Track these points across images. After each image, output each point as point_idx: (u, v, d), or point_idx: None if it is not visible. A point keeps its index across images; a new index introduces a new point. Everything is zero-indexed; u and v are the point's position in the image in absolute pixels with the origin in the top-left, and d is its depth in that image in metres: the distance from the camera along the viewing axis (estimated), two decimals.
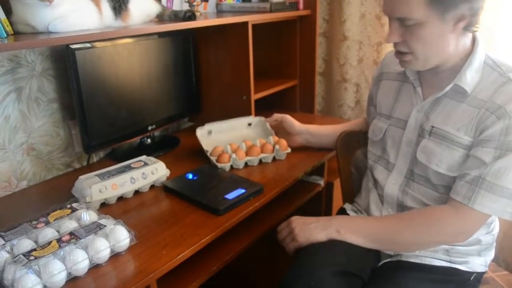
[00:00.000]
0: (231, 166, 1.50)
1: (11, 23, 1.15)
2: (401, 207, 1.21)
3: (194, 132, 1.80)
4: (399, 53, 1.11)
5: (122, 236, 1.04)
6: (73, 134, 1.52)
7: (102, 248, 0.99)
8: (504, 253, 1.90)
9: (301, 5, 1.93)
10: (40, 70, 1.40)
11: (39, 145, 1.45)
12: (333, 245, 1.13)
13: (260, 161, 1.55)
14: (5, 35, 1.08)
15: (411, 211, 1.16)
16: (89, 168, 1.57)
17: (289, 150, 1.57)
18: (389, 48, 1.99)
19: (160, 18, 1.44)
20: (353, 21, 2.05)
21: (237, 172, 1.48)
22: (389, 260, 1.19)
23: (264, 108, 1.88)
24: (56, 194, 1.36)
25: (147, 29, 1.34)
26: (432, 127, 1.13)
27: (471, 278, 1.17)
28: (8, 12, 1.14)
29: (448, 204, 1.09)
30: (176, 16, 1.44)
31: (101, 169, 1.33)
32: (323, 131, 1.59)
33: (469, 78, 1.07)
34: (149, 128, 1.64)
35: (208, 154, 1.53)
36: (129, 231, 1.06)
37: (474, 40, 1.10)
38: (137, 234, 1.08)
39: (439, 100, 1.13)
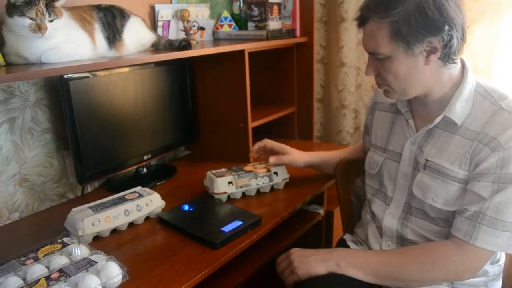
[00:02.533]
0: (228, 197, 1.46)
1: (3, 54, 1.14)
2: (401, 240, 1.18)
3: (191, 160, 1.78)
4: (378, 84, 1.12)
5: (114, 273, 1.00)
6: (67, 164, 1.49)
7: (93, 286, 0.95)
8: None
9: (297, 33, 1.93)
10: (33, 100, 1.39)
11: (32, 176, 1.42)
12: (334, 279, 1.09)
13: (258, 191, 1.51)
14: None
15: (413, 247, 1.13)
16: (84, 198, 1.54)
17: (287, 179, 1.54)
18: None
19: (156, 47, 1.44)
20: (351, 47, 2.05)
21: (234, 203, 1.44)
22: None
23: (262, 135, 1.85)
24: (48, 226, 1.32)
25: (140, 59, 1.32)
26: (427, 160, 1.11)
27: None
28: (1, 44, 1.13)
29: (450, 240, 1.06)
30: (171, 45, 1.43)
31: (95, 201, 1.30)
32: (326, 160, 1.54)
33: (459, 109, 1.05)
34: (145, 157, 1.61)
35: (206, 183, 1.50)
36: (121, 267, 1.02)
37: (463, 68, 1.08)
38: (130, 270, 1.04)
39: (432, 132, 1.11)
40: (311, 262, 1.12)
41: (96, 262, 1.01)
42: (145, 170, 1.67)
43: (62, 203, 1.51)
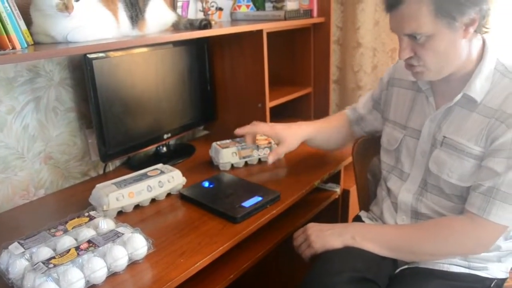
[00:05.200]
0: (232, 165, 1.56)
1: (31, 34, 1.17)
2: (416, 214, 1.20)
3: (209, 140, 1.80)
4: (410, 66, 1.10)
5: (139, 244, 1.04)
6: (90, 143, 1.53)
7: (120, 256, 0.99)
8: None
9: (315, 13, 1.93)
10: (58, 80, 1.42)
11: (57, 154, 1.46)
12: (350, 252, 1.11)
13: (259, 160, 1.61)
14: (26, 46, 1.09)
15: (428, 222, 1.15)
16: (105, 176, 1.58)
17: None
18: None
19: (176, 27, 1.45)
20: (367, 28, 2.04)
21: (237, 171, 1.54)
22: (406, 267, 1.17)
23: (279, 116, 1.87)
24: (73, 202, 1.37)
25: (164, 38, 1.35)
26: (444, 137, 1.12)
27: (492, 285, 1.15)
28: (29, 23, 1.16)
29: (464, 215, 1.07)
30: (192, 25, 1.45)
31: (118, 178, 1.34)
32: (320, 134, 1.48)
33: (479, 86, 1.06)
34: (165, 136, 1.65)
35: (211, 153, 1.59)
36: (146, 239, 1.06)
37: (484, 45, 1.08)
38: (155, 242, 1.08)
39: (451, 110, 1.12)
40: (327, 236, 1.15)
41: (123, 234, 1.04)
42: (164, 149, 1.71)
43: (84, 180, 1.55)
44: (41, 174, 1.43)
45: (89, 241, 1.02)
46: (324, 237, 1.15)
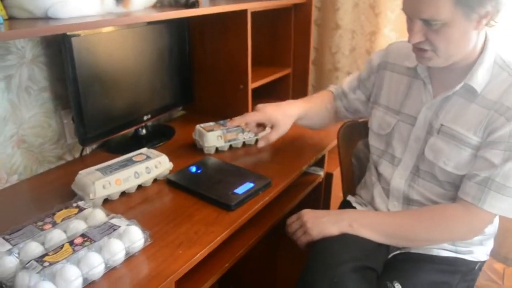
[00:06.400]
0: (216, 149, 1.53)
1: (4, 7, 1.05)
2: (407, 200, 1.22)
3: (187, 121, 1.75)
4: (419, 50, 1.08)
5: (136, 237, 0.99)
6: (65, 123, 1.43)
7: (118, 251, 0.94)
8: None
9: None
10: (30, 57, 1.31)
11: (30, 137, 1.36)
12: (347, 240, 1.12)
13: (244, 144, 1.58)
14: (2, 22, 0.98)
15: (422, 209, 1.18)
16: (82, 160, 1.49)
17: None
18: (382, 37, 1.99)
19: (161, 4, 1.37)
20: (347, 10, 2.03)
21: (222, 154, 1.51)
22: (398, 252, 1.20)
23: (256, 97, 1.83)
24: (51, 189, 1.29)
25: (152, 17, 1.26)
26: (442, 125, 1.13)
27: (476, 267, 1.21)
28: None
29: (458, 203, 1.11)
30: (177, 2, 1.37)
31: (102, 163, 1.26)
32: (308, 114, 1.45)
33: (480, 77, 1.07)
34: (144, 118, 1.57)
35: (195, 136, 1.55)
36: (143, 231, 1.01)
37: (485, 38, 1.09)
38: (151, 234, 1.03)
39: (449, 98, 1.13)
40: (324, 223, 1.15)
41: (119, 227, 0.99)
42: (144, 131, 1.63)
43: (60, 165, 1.46)
44: (13, 159, 1.32)
45: (83, 235, 0.96)
46: (321, 224, 1.15)
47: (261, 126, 1.42)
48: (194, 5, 1.33)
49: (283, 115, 1.38)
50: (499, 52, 1.09)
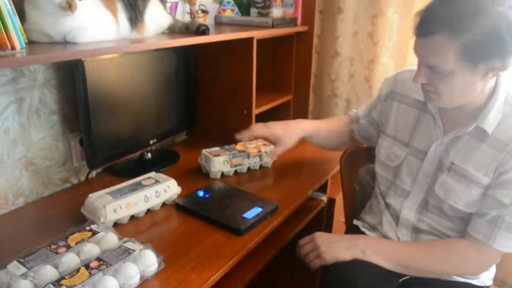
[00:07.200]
0: (222, 174, 1.54)
1: (24, 31, 1.07)
2: (416, 230, 1.24)
3: (190, 145, 1.76)
4: (424, 89, 1.12)
5: (151, 261, 0.99)
6: (72, 146, 1.44)
7: (133, 275, 0.94)
8: None
9: (299, 21, 1.94)
10: (42, 80, 1.32)
11: (38, 160, 1.36)
12: (361, 265, 1.13)
13: (249, 169, 1.60)
14: (24, 45, 1.00)
15: (435, 242, 1.20)
16: (88, 184, 1.49)
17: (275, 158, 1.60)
18: (380, 65, 2.05)
19: (171, 30, 1.40)
20: (346, 38, 2.09)
21: (227, 179, 1.53)
22: (408, 277, 1.21)
23: (258, 122, 1.86)
24: (58, 213, 1.29)
25: (166, 43, 1.29)
26: (452, 163, 1.14)
27: None
28: (21, 20, 1.06)
29: (468, 240, 1.13)
30: (188, 29, 1.40)
31: (110, 187, 1.27)
32: (318, 132, 1.52)
33: (492, 119, 1.08)
34: (151, 142, 1.58)
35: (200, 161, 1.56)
36: (157, 255, 1.01)
37: (497, 79, 1.11)
38: (165, 258, 1.03)
39: (460, 137, 1.14)
40: (338, 248, 1.16)
41: (134, 250, 0.99)
42: (149, 155, 1.64)
43: (66, 188, 1.45)
44: (20, 181, 1.32)
45: (98, 259, 0.95)
46: (335, 248, 1.16)
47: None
48: (205, 32, 1.36)
49: (287, 132, 1.46)
50: (509, 91, 1.11)
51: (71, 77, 1.35)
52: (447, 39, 0.97)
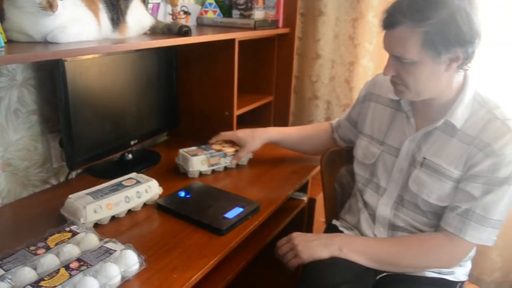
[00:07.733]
0: (200, 173, 1.55)
1: (4, 30, 1.06)
2: (393, 226, 1.27)
3: (171, 146, 1.76)
4: (393, 82, 1.17)
5: (132, 261, 0.99)
6: (52, 147, 1.42)
7: (114, 275, 0.94)
8: None
9: (280, 23, 1.96)
10: (21, 79, 1.30)
11: (16, 160, 1.34)
12: (338, 263, 1.15)
13: (225, 167, 1.62)
14: (3, 44, 0.99)
15: (409, 238, 1.23)
16: (68, 185, 1.48)
17: (251, 156, 1.67)
18: (360, 67, 2.08)
19: (153, 31, 1.40)
20: (327, 40, 2.12)
21: (205, 178, 1.55)
22: (385, 274, 1.24)
23: (239, 123, 1.87)
24: (37, 214, 1.27)
25: (148, 44, 1.29)
26: (424, 158, 1.19)
27: (457, 287, 1.26)
28: (1, 19, 1.05)
29: (441, 233, 1.16)
30: (170, 30, 1.41)
31: (90, 188, 1.26)
32: (285, 138, 1.62)
33: (460, 114, 1.13)
34: (132, 142, 1.58)
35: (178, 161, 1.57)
36: (138, 256, 1.01)
37: (465, 77, 1.16)
38: (147, 258, 1.04)
39: (431, 132, 1.19)
40: (314, 246, 1.18)
41: (115, 251, 0.99)
42: (130, 156, 1.63)
43: (45, 189, 1.44)
44: None
45: (78, 259, 0.95)
46: (312, 247, 1.17)
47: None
48: (187, 33, 1.37)
49: (250, 137, 1.58)
50: (477, 89, 1.16)
51: (51, 77, 1.34)
52: (409, 28, 1.03)
